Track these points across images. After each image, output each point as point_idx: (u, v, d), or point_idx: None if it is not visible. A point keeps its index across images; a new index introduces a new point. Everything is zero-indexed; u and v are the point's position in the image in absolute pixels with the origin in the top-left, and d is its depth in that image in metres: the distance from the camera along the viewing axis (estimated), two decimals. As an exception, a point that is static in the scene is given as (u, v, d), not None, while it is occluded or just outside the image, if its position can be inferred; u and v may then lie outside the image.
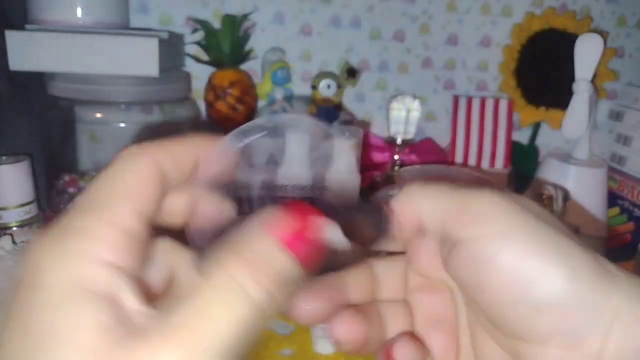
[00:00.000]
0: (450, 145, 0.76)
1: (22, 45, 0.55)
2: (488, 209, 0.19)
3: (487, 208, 0.19)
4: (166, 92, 0.62)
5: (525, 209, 0.19)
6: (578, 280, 0.17)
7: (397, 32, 0.77)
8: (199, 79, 0.72)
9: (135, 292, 0.15)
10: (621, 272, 0.18)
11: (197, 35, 0.70)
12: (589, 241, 0.65)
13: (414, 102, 0.70)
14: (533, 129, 0.81)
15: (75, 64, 0.56)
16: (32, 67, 0.56)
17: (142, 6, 0.71)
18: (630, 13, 0.82)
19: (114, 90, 0.59)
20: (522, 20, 0.78)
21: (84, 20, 0.59)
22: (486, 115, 0.75)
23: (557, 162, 0.67)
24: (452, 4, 0.77)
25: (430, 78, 0.80)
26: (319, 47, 0.76)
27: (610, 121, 0.79)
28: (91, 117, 0.60)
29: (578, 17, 0.78)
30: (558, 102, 0.75)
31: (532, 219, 0.18)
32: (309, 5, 0.74)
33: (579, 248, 0.18)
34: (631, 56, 0.84)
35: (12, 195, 0.46)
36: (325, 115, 0.73)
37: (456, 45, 0.79)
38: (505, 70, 0.79)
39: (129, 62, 0.56)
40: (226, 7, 0.72)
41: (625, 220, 0.72)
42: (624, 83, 0.83)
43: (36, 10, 0.59)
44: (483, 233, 0.19)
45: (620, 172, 0.74)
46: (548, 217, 0.19)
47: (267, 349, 0.44)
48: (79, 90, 0.58)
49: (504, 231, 0.18)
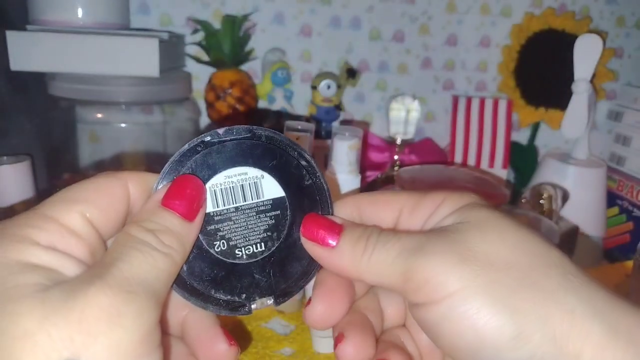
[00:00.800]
0: (450, 145, 0.76)
1: (22, 45, 0.55)
2: (430, 275, 0.19)
3: (429, 274, 0.19)
4: (166, 93, 0.62)
5: (470, 262, 0.19)
6: (527, 337, 0.17)
7: (396, 33, 0.77)
8: (199, 80, 0.72)
9: (75, 268, 0.18)
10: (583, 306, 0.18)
11: (198, 36, 0.70)
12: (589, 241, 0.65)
13: (414, 103, 0.71)
14: (532, 129, 0.81)
15: (75, 65, 0.56)
16: (33, 67, 0.56)
17: (143, 7, 0.71)
18: (630, 13, 0.82)
19: (115, 90, 0.59)
20: (522, 20, 0.78)
21: (84, 20, 0.59)
22: (485, 116, 0.75)
23: (556, 162, 0.67)
24: (451, 5, 0.77)
25: (429, 78, 0.80)
26: (319, 48, 0.76)
27: (610, 121, 0.79)
28: (92, 117, 0.60)
29: (577, 17, 0.78)
30: (557, 102, 0.75)
31: (476, 278, 0.18)
32: (309, 5, 0.74)
33: (530, 293, 0.18)
34: (630, 56, 0.84)
35: (12, 195, 0.46)
36: (325, 115, 0.73)
37: (455, 45, 0.80)
38: (505, 71, 0.80)
39: (130, 62, 0.56)
40: (226, 8, 0.72)
41: (624, 220, 0.72)
42: (623, 83, 0.83)
43: (37, 11, 0.59)
44: (429, 300, 0.19)
45: (619, 172, 0.74)
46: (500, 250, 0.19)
47: (267, 348, 0.44)
48: (80, 91, 0.58)
49: (448, 297, 0.18)
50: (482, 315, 0.18)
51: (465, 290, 0.18)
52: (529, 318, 0.17)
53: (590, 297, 0.18)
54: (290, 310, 0.49)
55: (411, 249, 0.20)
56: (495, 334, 0.18)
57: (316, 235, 0.22)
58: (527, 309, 0.18)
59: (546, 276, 0.18)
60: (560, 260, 0.19)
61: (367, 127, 0.79)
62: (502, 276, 0.18)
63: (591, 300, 0.18)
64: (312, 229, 0.22)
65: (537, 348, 0.17)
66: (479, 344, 0.18)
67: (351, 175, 0.47)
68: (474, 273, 0.18)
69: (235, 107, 0.68)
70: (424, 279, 0.19)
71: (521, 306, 0.18)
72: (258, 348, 0.44)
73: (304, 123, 0.48)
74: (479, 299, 0.18)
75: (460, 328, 0.18)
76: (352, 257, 0.21)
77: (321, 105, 0.72)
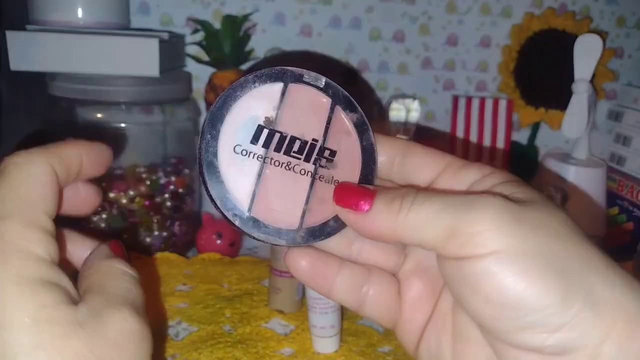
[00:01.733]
0: (450, 146, 0.76)
1: (22, 45, 0.55)
2: (481, 229, 0.19)
3: (480, 228, 0.19)
4: (167, 93, 0.62)
5: (522, 223, 0.19)
6: (569, 302, 0.17)
7: (397, 33, 0.77)
8: (199, 80, 0.72)
9: (66, 276, 0.19)
10: (622, 282, 0.18)
11: (198, 36, 0.70)
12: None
13: (414, 103, 0.71)
14: (532, 129, 0.81)
15: (76, 65, 0.56)
16: (33, 67, 0.56)
17: (143, 7, 0.71)
18: (630, 13, 0.82)
19: (115, 90, 0.59)
20: (522, 20, 0.78)
21: (84, 20, 0.59)
22: (486, 116, 0.75)
23: (556, 162, 0.67)
24: (451, 5, 0.77)
25: (430, 78, 0.80)
26: (319, 48, 0.76)
27: (610, 121, 0.79)
28: (92, 118, 0.60)
29: (577, 17, 0.78)
30: (557, 102, 0.75)
31: (526, 239, 0.18)
32: (309, 6, 0.74)
33: (576, 262, 0.18)
34: (630, 56, 0.84)
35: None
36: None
37: (456, 45, 0.80)
38: (505, 71, 0.80)
39: (130, 62, 0.56)
40: (227, 8, 0.72)
41: (624, 220, 0.72)
42: (623, 83, 0.83)
43: (37, 11, 0.59)
44: (474, 254, 0.19)
45: (619, 172, 0.74)
46: (550, 222, 0.19)
47: (267, 348, 0.44)
48: (80, 91, 0.58)
49: (496, 253, 0.18)
50: (528, 275, 0.18)
51: (515, 247, 0.18)
52: (575, 285, 0.18)
53: (628, 277, 0.19)
54: (290, 310, 0.49)
55: (458, 204, 0.19)
56: (539, 295, 0.18)
57: (349, 201, 0.22)
58: (574, 276, 0.18)
59: (589, 251, 0.19)
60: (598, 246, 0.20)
61: (367, 127, 0.79)
62: (552, 242, 0.18)
63: (629, 278, 0.18)
64: (344, 197, 0.22)
65: (577, 315, 0.17)
66: (518, 302, 0.18)
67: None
68: (525, 234, 0.18)
69: (235, 107, 0.67)
70: (472, 232, 0.18)
71: (568, 272, 0.18)
72: (258, 348, 0.44)
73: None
74: (527, 260, 0.18)
75: (501, 285, 0.18)
76: (387, 216, 0.21)
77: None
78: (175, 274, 0.55)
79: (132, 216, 0.59)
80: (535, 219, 0.19)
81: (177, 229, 0.62)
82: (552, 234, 0.19)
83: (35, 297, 0.17)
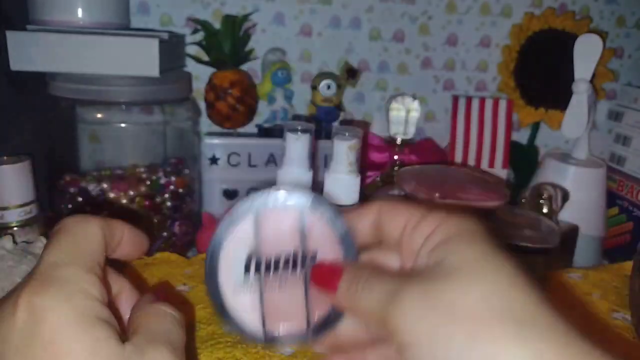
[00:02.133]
0: (450, 145, 0.76)
1: (22, 45, 0.55)
2: (398, 324, 0.20)
3: (397, 324, 0.20)
4: (167, 93, 0.62)
5: (434, 311, 0.19)
6: None
7: (396, 33, 0.78)
8: (199, 80, 0.72)
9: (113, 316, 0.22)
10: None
11: (198, 36, 0.70)
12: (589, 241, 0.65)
13: (414, 103, 0.71)
14: (532, 129, 0.81)
15: (76, 64, 0.56)
16: (33, 67, 0.56)
17: (143, 7, 0.71)
18: (630, 13, 0.82)
19: (115, 90, 0.59)
20: (522, 20, 0.78)
21: (84, 20, 0.59)
22: (485, 116, 0.75)
23: (556, 162, 0.67)
24: (451, 5, 0.77)
25: (429, 78, 0.80)
26: (319, 48, 0.76)
27: (610, 121, 0.79)
28: (92, 117, 0.60)
29: (577, 17, 0.78)
30: (557, 102, 0.75)
31: (441, 327, 0.19)
32: (309, 5, 0.74)
33: (483, 340, 0.18)
34: (630, 56, 0.84)
35: (12, 195, 0.46)
36: (325, 116, 0.73)
37: (456, 45, 0.80)
38: (505, 71, 0.80)
39: (130, 62, 0.56)
40: (226, 8, 0.72)
41: (624, 220, 0.72)
42: (623, 83, 0.83)
43: (37, 11, 0.59)
44: (398, 347, 0.20)
45: (619, 172, 0.74)
46: (463, 301, 0.19)
47: (267, 348, 0.44)
48: (80, 91, 0.58)
49: (412, 344, 0.20)
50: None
51: (426, 340, 0.19)
52: None
53: (542, 351, 0.18)
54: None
55: (387, 295, 0.21)
56: None
57: (322, 282, 0.25)
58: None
59: (502, 330, 0.18)
60: (523, 305, 0.19)
61: (367, 127, 0.79)
62: (458, 329, 0.19)
63: (542, 354, 0.18)
64: (318, 277, 0.25)
65: None
66: None
67: (351, 176, 0.47)
68: (435, 325, 0.19)
69: (235, 107, 0.68)
70: (392, 327, 0.20)
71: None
72: (258, 348, 0.44)
73: (304, 123, 0.48)
74: (438, 351, 0.19)
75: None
76: (348, 298, 0.23)
77: (321, 105, 0.72)
78: (175, 274, 0.55)
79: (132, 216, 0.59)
80: (448, 302, 0.19)
81: (177, 229, 0.62)
82: (462, 318, 0.19)
83: (92, 330, 0.21)
